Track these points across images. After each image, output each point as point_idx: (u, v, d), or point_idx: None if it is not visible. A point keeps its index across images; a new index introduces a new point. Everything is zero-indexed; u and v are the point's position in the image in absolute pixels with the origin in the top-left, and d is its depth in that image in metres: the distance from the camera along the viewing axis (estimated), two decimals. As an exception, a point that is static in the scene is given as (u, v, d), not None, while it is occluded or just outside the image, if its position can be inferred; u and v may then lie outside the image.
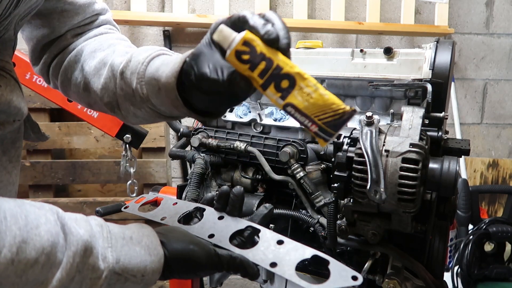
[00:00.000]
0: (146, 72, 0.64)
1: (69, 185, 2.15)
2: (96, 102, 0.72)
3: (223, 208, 0.67)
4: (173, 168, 2.32)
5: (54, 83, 0.79)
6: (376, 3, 2.26)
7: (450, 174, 0.76)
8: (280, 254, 0.58)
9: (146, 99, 0.64)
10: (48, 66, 0.77)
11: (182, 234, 0.61)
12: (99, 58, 0.71)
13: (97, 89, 0.70)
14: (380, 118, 0.80)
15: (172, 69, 0.60)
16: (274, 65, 0.51)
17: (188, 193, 1.10)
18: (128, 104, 0.68)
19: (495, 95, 2.54)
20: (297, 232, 1.03)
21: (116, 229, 0.55)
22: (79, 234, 0.49)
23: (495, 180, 2.44)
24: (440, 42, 0.91)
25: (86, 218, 0.54)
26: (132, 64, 0.66)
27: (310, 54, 1.04)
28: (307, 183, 0.98)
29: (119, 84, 0.67)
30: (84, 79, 0.72)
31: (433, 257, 0.88)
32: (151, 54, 0.66)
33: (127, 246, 0.54)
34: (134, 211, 0.75)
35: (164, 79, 0.60)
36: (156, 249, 0.56)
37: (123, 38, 0.79)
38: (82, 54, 0.73)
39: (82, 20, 0.75)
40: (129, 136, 1.56)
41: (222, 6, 2.18)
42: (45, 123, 1.97)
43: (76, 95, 0.76)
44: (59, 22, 0.72)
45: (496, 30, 2.48)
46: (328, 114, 0.51)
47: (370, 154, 0.72)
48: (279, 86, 0.52)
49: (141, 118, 0.71)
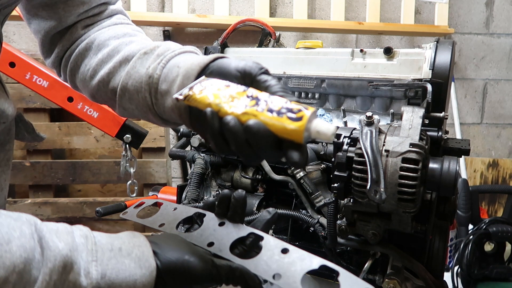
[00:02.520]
0: (172, 59, 0.62)
1: (69, 185, 2.15)
2: (99, 89, 0.70)
3: (224, 214, 0.62)
4: (173, 168, 2.32)
5: (64, 74, 0.77)
6: (376, 3, 2.26)
7: (450, 174, 0.76)
8: (284, 264, 0.53)
9: (152, 83, 0.61)
10: (61, 58, 0.75)
11: (178, 243, 0.57)
12: (112, 45, 0.69)
13: (104, 74, 0.68)
14: (380, 118, 0.80)
15: (201, 60, 0.58)
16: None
17: (188, 193, 1.10)
18: (125, 90, 0.65)
19: (495, 95, 2.54)
20: (297, 232, 1.03)
21: (103, 239, 0.52)
22: (57, 248, 0.46)
23: (495, 180, 2.44)
24: (440, 42, 0.91)
25: (69, 229, 0.50)
26: (161, 49, 0.64)
27: (310, 54, 1.04)
28: (307, 183, 0.98)
29: (131, 65, 0.65)
30: (94, 65, 0.70)
31: (433, 257, 0.88)
32: (185, 48, 0.64)
33: (115, 259, 0.50)
34: (133, 218, 0.71)
35: (188, 66, 0.58)
36: (148, 261, 0.52)
37: (138, 30, 0.77)
38: (94, 42, 0.71)
39: (90, 9, 0.73)
40: (129, 136, 1.56)
41: (222, 6, 2.18)
42: (45, 123, 1.97)
43: (82, 83, 0.73)
44: (65, 12, 0.70)
45: (496, 30, 2.48)
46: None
47: (370, 154, 0.72)
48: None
49: (131, 109, 0.67)
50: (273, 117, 0.48)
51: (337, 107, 1.05)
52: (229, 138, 0.51)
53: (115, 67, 0.67)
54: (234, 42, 1.21)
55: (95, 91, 0.71)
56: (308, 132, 0.47)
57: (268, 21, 1.24)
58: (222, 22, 2.14)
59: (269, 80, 0.53)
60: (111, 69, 0.67)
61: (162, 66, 0.61)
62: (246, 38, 2.06)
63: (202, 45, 1.21)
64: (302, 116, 0.47)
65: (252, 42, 2.04)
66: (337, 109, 1.04)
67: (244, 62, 0.56)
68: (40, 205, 1.97)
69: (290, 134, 0.48)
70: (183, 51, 0.64)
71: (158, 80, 0.61)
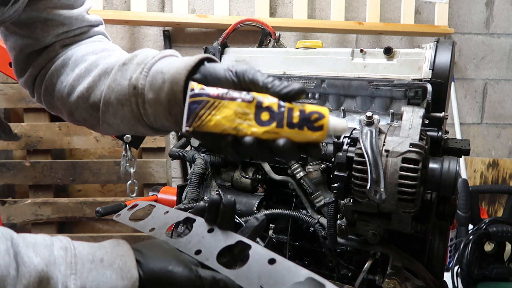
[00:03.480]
0: (154, 66, 0.60)
1: (69, 185, 2.15)
2: (79, 106, 0.66)
3: (214, 220, 0.61)
4: (173, 168, 2.32)
5: (38, 93, 0.74)
6: (376, 3, 2.26)
7: (450, 174, 0.76)
8: (270, 275, 0.52)
9: (138, 94, 0.59)
10: (35, 77, 0.73)
11: (163, 252, 0.55)
12: (90, 60, 0.67)
13: (83, 89, 0.65)
14: (380, 118, 0.80)
15: (186, 63, 0.57)
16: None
17: (188, 193, 1.10)
18: (108, 105, 0.63)
19: (495, 95, 2.54)
20: (297, 232, 1.03)
21: (85, 250, 0.50)
22: (32, 264, 0.45)
23: (495, 180, 2.44)
24: (440, 42, 0.91)
25: (48, 241, 0.49)
26: (139, 57, 0.62)
27: (310, 54, 1.04)
28: (307, 183, 0.98)
29: (111, 78, 0.62)
30: (71, 81, 0.67)
31: (433, 257, 0.88)
32: (163, 53, 0.62)
33: (96, 270, 0.49)
34: (125, 221, 0.70)
35: (173, 70, 0.57)
36: (130, 271, 0.50)
37: (117, 47, 0.75)
38: (71, 58, 0.69)
39: (70, 30, 0.71)
40: (129, 136, 1.56)
41: (222, 6, 2.18)
42: (45, 123, 1.98)
43: (59, 102, 0.70)
44: (43, 32, 0.68)
45: (496, 30, 2.48)
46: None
47: (370, 154, 0.72)
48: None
49: (116, 124, 0.64)
50: (295, 132, 0.50)
51: (337, 107, 1.05)
52: (250, 155, 0.53)
53: (94, 81, 0.64)
54: (234, 42, 1.20)
55: (74, 108, 0.68)
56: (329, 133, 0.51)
57: (268, 21, 1.24)
58: (222, 22, 2.14)
59: (269, 81, 0.52)
60: (91, 83, 0.64)
61: (145, 75, 0.59)
62: (246, 38, 2.05)
63: (202, 45, 1.21)
64: (322, 125, 0.50)
65: (252, 42, 2.03)
66: (337, 109, 1.04)
67: (236, 66, 0.55)
68: (40, 205, 1.97)
69: (312, 141, 0.51)
70: (163, 55, 0.62)
71: (144, 90, 0.59)
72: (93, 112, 0.65)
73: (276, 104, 0.51)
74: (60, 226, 2.05)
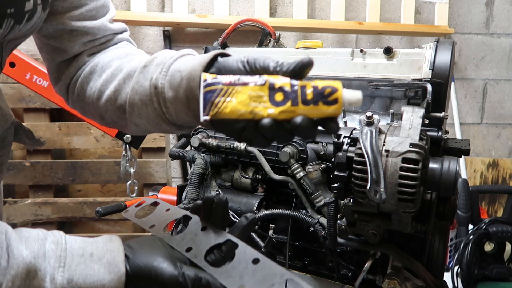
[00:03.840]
0: (172, 65, 0.63)
1: (69, 185, 2.15)
2: (108, 109, 0.71)
3: (208, 217, 0.63)
4: (173, 168, 2.32)
5: (72, 100, 0.79)
6: (376, 3, 2.26)
7: (450, 174, 0.76)
8: (252, 275, 0.53)
9: (159, 93, 0.62)
10: (68, 86, 0.78)
11: (153, 248, 0.58)
12: (115, 65, 0.71)
13: (110, 93, 0.69)
14: (380, 118, 0.80)
15: (202, 59, 0.59)
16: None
17: (188, 193, 1.10)
18: (133, 106, 0.66)
19: (495, 95, 2.54)
20: (297, 232, 1.03)
21: (76, 245, 0.53)
22: (21, 256, 0.48)
23: (495, 180, 2.44)
24: (440, 42, 0.91)
25: (42, 236, 0.52)
26: (159, 59, 0.65)
27: (310, 54, 1.04)
28: (307, 183, 0.98)
29: (134, 81, 0.65)
30: (99, 86, 0.71)
31: (433, 257, 0.88)
32: (181, 52, 0.65)
33: (84, 264, 0.51)
34: (131, 217, 0.73)
35: (190, 68, 0.59)
36: (118, 266, 0.53)
37: (140, 51, 0.79)
38: (98, 65, 0.73)
39: (95, 39, 0.75)
40: (129, 136, 1.56)
41: (222, 6, 2.18)
42: (45, 123, 1.97)
43: (90, 106, 0.75)
44: (69, 42, 0.72)
45: (496, 30, 2.48)
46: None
47: (370, 154, 0.72)
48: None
49: (142, 124, 0.68)
50: (310, 108, 0.50)
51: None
52: (269, 137, 0.53)
53: (119, 84, 0.68)
54: (234, 42, 1.20)
55: (104, 112, 0.72)
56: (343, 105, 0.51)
57: (268, 21, 1.24)
58: (222, 22, 2.14)
59: (278, 64, 0.53)
60: (116, 87, 0.68)
61: (164, 74, 0.62)
62: (246, 38, 2.05)
63: (202, 45, 1.21)
64: (336, 98, 0.50)
65: (252, 42, 2.04)
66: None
67: (247, 56, 0.56)
68: (40, 205, 1.97)
69: (329, 116, 0.51)
70: (180, 55, 0.64)
71: (164, 89, 0.62)
72: (121, 114, 0.69)
73: (288, 83, 0.51)
74: (60, 226, 2.04)
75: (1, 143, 0.69)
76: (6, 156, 0.70)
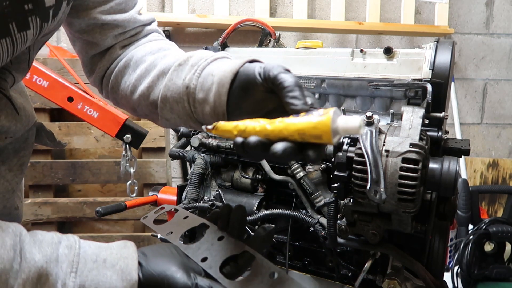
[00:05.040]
0: (206, 68, 0.64)
1: (69, 185, 2.15)
2: (140, 103, 0.73)
3: (225, 227, 0.62)
4: (173, 168, 2.32)
5: (106, 91, 0.81)
6: (376, 3, 2.26)
7: (450, 174, 0.76)
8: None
9: (190, 93, 0.64)
10: (102, 78, 0.79)
11: (167, 256, 0.57)
12: (149, 61, 0.73)
13: (144, 88, 0.71)
14: (380, 118, 0.80)
15: (233, 66, 0.60)
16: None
17: (188, 193, 1.10)
18: (165, 102, 0.68)
19: (495, 95, 2.54)
20: (297, 232, 1.03)
21: (90, 250, 0.53)
22: (33, 260, 0.48)
23: (495, 180, 2.44)
24: (440, 42, 0.91)
25: (56, 239, 0.52)
26: (194, 59, 0.67)
27: (310, 54, 1.04)
28: (307, 183, 0.98)
29: (168, 78, 0.67)
30: (133, 81, 0.73)
31: (433, 257, 0.88)
32: (216, 55, 0.67)
33: (96, 270, 0.51)
34: (149, 223, 0.72)
35: (221, 73, 0.61)
36: (130, 273, 0.52)
37: (171, 43, 0.81)
38: (132, 60, 0.75)
39: (125, 32, 0.77)
40: (129, 136, 1.56)
41: (222, 6, 2.18)
42: (45, 123, 1.96)
43: (124, 99, 0.77)
44: (101, 35, 0.74)
45: (496, 30, 2.48)
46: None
47: (370, 154, 0.72)
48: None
49: (172, 118, 0.70)
50: (298, 120, 0.48)
51: (337, 107, 1.05)
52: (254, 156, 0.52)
53: (153, 81, 0.70)
54: (234, 42, 1.21)
55: (137, 105, 0.74)
56: (338, 132, 0.46)
57: (268, 21, 1.24)
58: (222, 22, 2.14)
59: (285, 80, 0.52)
60: (150, 83, 0.70)
61: (197, 76, 0.64)
62: (246, 38, 2.06)
63: (202, 45, 1.21)
64: (326, 113, 0.46)
65: (252, 42, 2.04)
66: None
67: (266, 65, 0.57)
68: (40, 205, 1.97)
69: (316, 127, 0.46)
70: (215, 58, 0.66)
71: (195, 90, 0.64)
72: (153, 109, 0.71)
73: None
74: (60, 226, 2.04)
75: (23, 144, 0.69)
76: (28, 157, 0.70)
